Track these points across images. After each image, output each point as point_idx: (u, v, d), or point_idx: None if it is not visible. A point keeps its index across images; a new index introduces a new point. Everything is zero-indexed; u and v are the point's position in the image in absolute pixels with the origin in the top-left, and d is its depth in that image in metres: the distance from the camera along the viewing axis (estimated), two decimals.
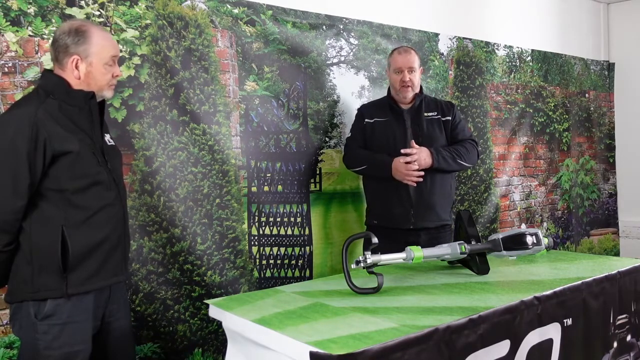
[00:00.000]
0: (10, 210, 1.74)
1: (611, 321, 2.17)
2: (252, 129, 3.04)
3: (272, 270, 3.08)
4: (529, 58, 4.57)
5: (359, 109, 3.05)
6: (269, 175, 3.09)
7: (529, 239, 2.23)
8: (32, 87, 2.31)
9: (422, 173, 2.75)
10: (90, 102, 1.87)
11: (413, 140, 2.80)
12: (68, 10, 2.45)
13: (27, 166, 1.73)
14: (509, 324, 1.78)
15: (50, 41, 1.94)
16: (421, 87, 2.97)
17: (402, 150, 2.77)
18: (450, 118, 2.93)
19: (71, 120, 1.82)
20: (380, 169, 2.83)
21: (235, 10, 2.96)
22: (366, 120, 2.95)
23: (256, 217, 3.04)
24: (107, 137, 2.00)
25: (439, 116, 2.92)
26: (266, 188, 3.08)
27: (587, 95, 5.06)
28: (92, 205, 1.84)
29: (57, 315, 1.80)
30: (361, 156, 2.92)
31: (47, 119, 1.76)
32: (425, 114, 2.90)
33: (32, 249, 1.78)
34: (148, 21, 2.66)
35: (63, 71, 1.86)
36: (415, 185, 2.77)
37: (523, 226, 4.28)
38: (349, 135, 3.05)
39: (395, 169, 2.77)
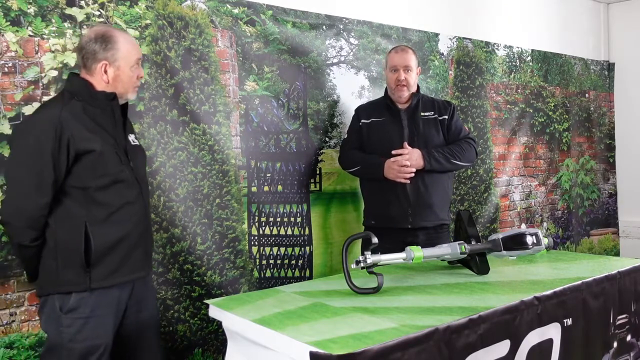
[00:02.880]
0: (35, 207, 1.83)
1: (611, 321, 2.17)
2: (252, 129, 3.04)
3: (272, 270, 3.08)
4: (529, 58, 4.57)
5: (355, 110, 3.05)
6: (269, 175, 3.09)
7: (529, 239, 2.23)
8: (32, 87, 2.34)
9: (414, 170, 2.76)
10: (112, 102, 1.96)
11: (406, 142, 2.80)
12: (68, 10, 2.45)
13: (52, 164, 1.81)
14: (509, 324, 1.78)
15: (76, 47, 2.06)
16: (418, 86, 2.96)
17: (394, 152, 2.77)
18: (446, 117, 2.91)
19: (94, 120, 1.91)
20: (372, 170, 2.84)
21: (235, 10, 2.96)
22: (362, 121, 2.95)
23: (256, 217, 3.04)
24: (132, 137, 2.09)
25: (436, 116, 2.90)
26: (266, 188, 3.08)
27: (587, 95, 5.06)
28: (114, 203, 1.92)
29: (81, 309, 1.87)
30: (355, 157, 2.93)
31: (70, 119, 1.84)
32: (422, 114, 2.89)
33: (56, 244, 1.86)
34: (148, 21, 2.66)
35: (91, 76, 1.96)
36: (408, 182, 2.78)
37: (523, 226, 4.28)
38: (346, 136, 3.06)
39: (388, 168, 2.77)
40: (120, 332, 2.00)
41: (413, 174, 2.76)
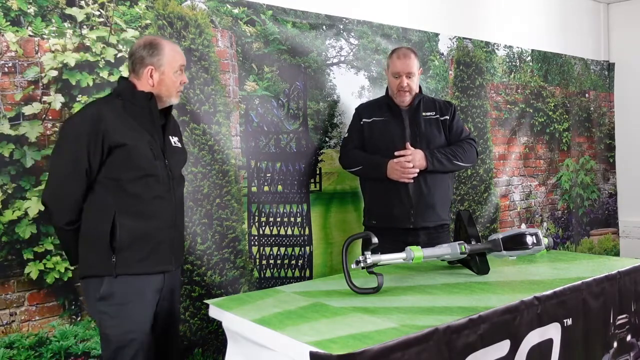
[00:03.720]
0: (69, 192, 1.99)
1: (611, 321, 2.17)
2: (252, 129, 3.04)
3: (272, 270, 3.08)
4: (529, 58, 4.57)
5: (356, 109, 3.05)
6: (269, 175, 3.09)
7: (529, 239, 2.23)
8: (32, 87, 2.36)
9: (417, 170, 2.77)
10: (149, 102, 2.07)
11: (408, 142, 2.81)
12: (68, 10, 2.45)
13: (86, 155, 1.96)
14: (509, 324, 1.78)
15: (127, 54, 2.22)
16: (420, 87, 2.96)
17: (397, 153, 2.78)
18: (448, 117, 2.92)
19: (134, 118, 2.05)
20: (375, 169, 2.84)
21: (235, 10, 2.96)
22: (364, 120, 2.95)
23: (256, 217, 3.04)
24: (175, 139, 2.20)
25: (437, 116, 2.91)
26: (266, 188, 3.08)
27: (587, 95, 5.06)
28: (144, 195, 2.03)
29: (112, 297, 1.97)
30: (357, 157, 2.92)
31: (109, 115, 2.00)
32: (424, 114, 2.89)
33: (88, 230, 2.01)
34: (148, 21, 2.67)
35: (139, 80, 2.10)
36: (412, 182, 2.78)
37: (523, 226, 4.28)
38: (346, 135, 3.05)
39: (391, 169, 2.78)
40: (153, 325, 2.07)
41: (416, 174, 2.77)
